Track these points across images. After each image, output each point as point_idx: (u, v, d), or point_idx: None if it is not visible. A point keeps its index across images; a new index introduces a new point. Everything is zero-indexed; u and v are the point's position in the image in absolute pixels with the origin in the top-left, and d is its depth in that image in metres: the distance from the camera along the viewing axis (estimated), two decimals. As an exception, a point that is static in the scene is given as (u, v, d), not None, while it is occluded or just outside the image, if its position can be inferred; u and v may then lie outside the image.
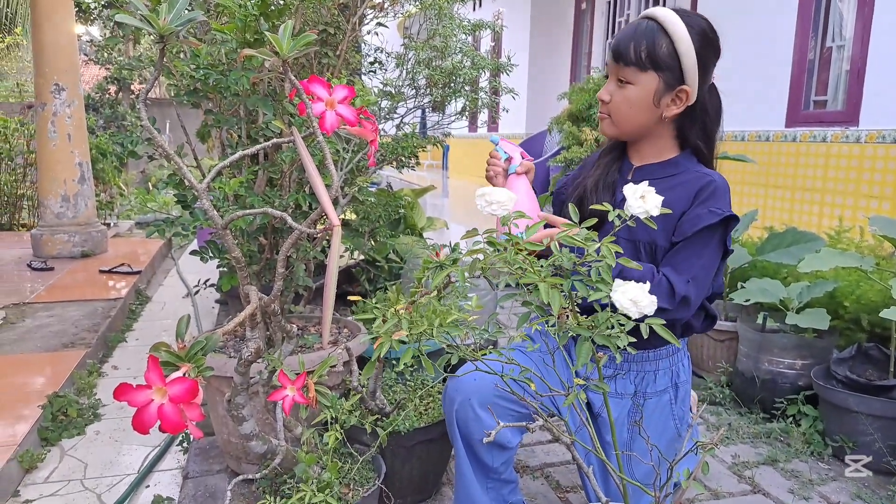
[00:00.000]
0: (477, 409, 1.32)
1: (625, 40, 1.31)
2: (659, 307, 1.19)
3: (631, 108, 1.34)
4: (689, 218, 1.31)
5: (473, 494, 1.39)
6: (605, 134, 1.42)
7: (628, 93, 1.33)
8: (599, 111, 1.41)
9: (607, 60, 1.38)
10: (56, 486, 1.91)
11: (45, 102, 4.54)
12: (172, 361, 0.82)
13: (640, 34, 1.30)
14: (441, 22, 2.42)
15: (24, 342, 2.85)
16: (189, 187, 1.55)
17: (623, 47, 1.31)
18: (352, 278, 3.05)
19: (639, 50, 1.29)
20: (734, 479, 1.97)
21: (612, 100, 1.36)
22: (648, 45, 1.29)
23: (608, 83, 1.38)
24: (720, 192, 1.32)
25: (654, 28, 1.30)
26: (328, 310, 1.11)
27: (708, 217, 1.28)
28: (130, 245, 5.38)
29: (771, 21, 4.58)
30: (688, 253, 1.30)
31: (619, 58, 1.32)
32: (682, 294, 1.26)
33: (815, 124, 4.25)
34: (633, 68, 1.31)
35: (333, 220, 1.04)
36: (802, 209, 4.29)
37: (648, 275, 1.26)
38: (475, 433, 1.33)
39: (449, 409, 1.38)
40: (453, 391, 1.37)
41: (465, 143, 11.26)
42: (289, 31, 1.04)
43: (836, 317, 2.40)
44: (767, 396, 2.35)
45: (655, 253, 1.36)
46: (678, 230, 1.32)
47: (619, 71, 1.33)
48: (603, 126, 1.41)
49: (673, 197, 1.31)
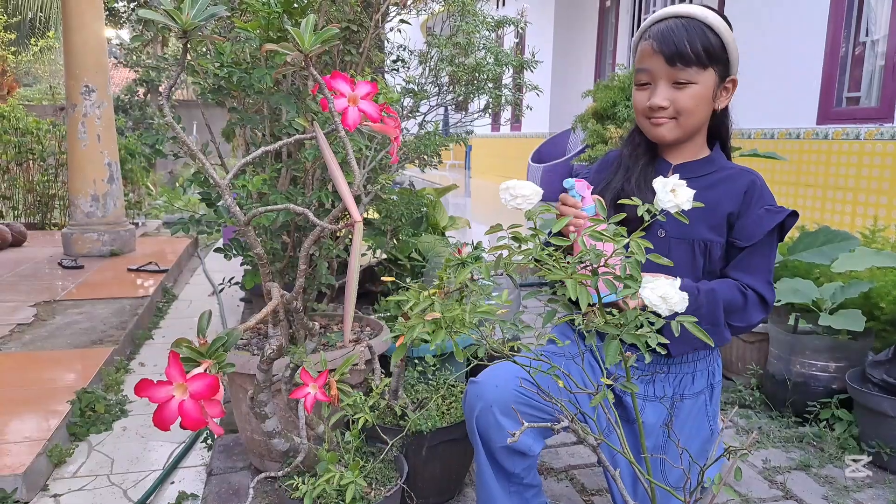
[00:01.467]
0: (498, 415, 1.30)
1: (679, 42, 1.29)
2: (757, 321, 1.33)
3: (697, 106, 1.34)
4: (752, 221, 1.34)
5: (496, 498, 1.37)
6: (664, 139, 1.38)
7: (693, 92, 1.32)
8: (654, 118, 1.36)
9: (648, 66, 1.35)
10: (83, 480, 1.93)
11: (75, 104, 4.62)
12: (193, 357, 0.82)
13: (693, 33, 1.29)
14: (464, 19, 2.40)
15: (54, 339, 2.90)
16: (213, 185, 1.55)
17: (681, 49, 1.29)
18: (374, 277, 3.05)
19: (697, 48, 1.29)
20: (765, 484, 1.92)
21: (676, 103, 1.33)
22: (703, 42, 1.29)
23: (660, 89, 1.34)
24: (766, 188, 1.38)
25: (701, 25, 1.30)
26: (350, 306, 1.10)
27: (772, 217, 1.33)
28: (158, 244, 5.45)
29: (802, 16, 4.49)
30: (760, 256, 1.35)
31: (678, 59, 1.30)
32: (770, 299, 1.34)
33: (848, 121, 4.15)
34: (694, 68, 1.30)
35: (355, 215, 1.03)
36: (835, 208, 4.19)
37: (739, 295, 1.32)
38: (496, 440, 1.30)
39: (469, 415, 1.36)
40: (474, 398, 1.34)
41: (487, 143, 11.23)
42: (311, 25, 1.03)
43: (871, 318, 2.33)
44: (799, 400, 2.29)
45: (710, 252, 1.37)
46: (743, 233, 1.35)
47: (677, 73, 1.31)
48: (661, 132, 1.37)
49: (719, 194, 1.36)
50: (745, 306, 1.32)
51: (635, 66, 1.39)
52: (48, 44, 13.34)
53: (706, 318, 1.28)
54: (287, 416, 1.71)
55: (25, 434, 1.99)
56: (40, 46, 13.21)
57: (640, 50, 1.37)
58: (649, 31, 1.35)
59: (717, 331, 1.31)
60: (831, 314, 2.21)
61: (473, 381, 1.37)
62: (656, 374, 1.41)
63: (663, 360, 1.40)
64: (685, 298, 0.92)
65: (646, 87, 1.37)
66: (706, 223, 1.36)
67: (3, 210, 6.62)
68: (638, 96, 1.39)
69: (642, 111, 1.39)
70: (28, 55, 13.34)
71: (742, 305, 1.32)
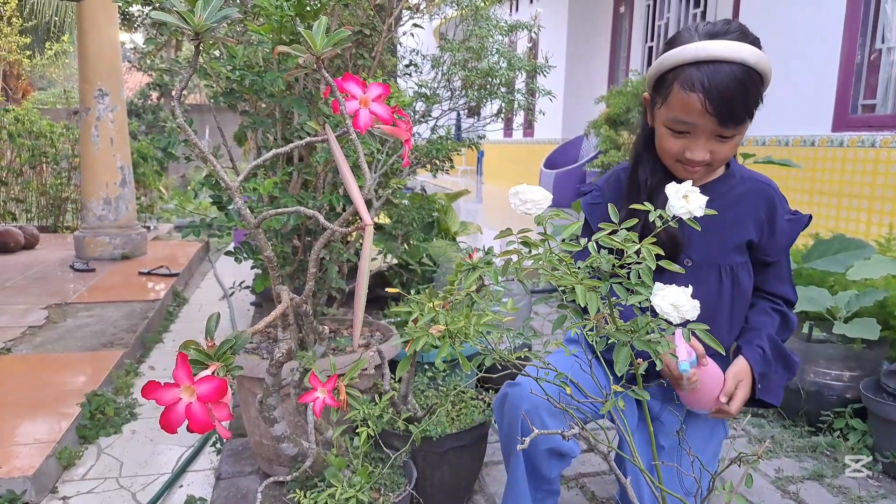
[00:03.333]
0: (545, 417, 1.27)
1: (739, 107, 1.19)
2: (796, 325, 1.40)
3: (732, 150, 1.29)
4: (779, 233, 1.37)
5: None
6: (697, 182, 1.31)
7: (736, 142, 1.26)
8: (692, 168, 1.28)
9: (693, 122, 1.22)
10: (92, 483, 1.94)
11: (88, 107, 4.65)
12: (201, 360, 0.81)
13: (747, 90, 1.18)
14: (477, 23, 2.40)
15: (64, 341, 2.91)
16: (224, 188, 1.55)
17: (739, 114, 1.19)
18: (385, 282, 3.05)
19: (749, 107, 1.20)
20: (777, 493, 1.89)
21: (715, 154, 1.26)
22: (754, 98, 1.20)
23: (701, 142, 1.24)
24: (780, 195, 1.40)
25: (753, 77, 1.18)
26: (359, 310, 1.09)
27: (795, 227, 1.37)
28: (169, 248, 5.47)
29: (817, 23, 4.46)
30: (785, 262, 1.42)
31: (730, 120, 1.20)
32: (795, 300, 1.43)
33: (864, 129, 4.12)
34: (744, 125, 1.23)
35: (366, 218, 1.02)
36: (849, 216, 4.15)
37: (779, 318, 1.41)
38: (541, 441, 1.29)
39: (513, 416, 1.31)
40: (518, 399, 1.31)
41: (500, 149, 11.23)
42: (323, 27, 1.03)
43: (886, 327, 2.30)
44: (813, 409, 2.26)
45: (737, 275, 1.38)
46: (772, 247, 1.38)
47: (724, 130, 1.22)
48: (691, 177, 1.28)
49: (743, 210, 1.37)
50: (786, 324, 1.41)
51: (674, 114, 1.24)
52: (63, 48, 13.48)
53: (782, 368, 1.39)
54: (296, 420, 1.71)
55: (35, 436, 2.00)
56: (55, 50, 13.34)
57: (682, 99, 1.20)
58: (695, 78, 1.18)
59: (790, 363, 1.40)
60: (846, 323, 2.18)
61: (513, 383, 1.35)
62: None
63: None
64: (697, 306, 0.91)
65: (682, 136, 1.26)
66: (730, 245, 1.36)
67: (16, 213, 6.67)
68: (672, 144, 1.28)
69: (674, 156, 1.29)
70: (43, 59, 13.48)
71: (785, 325, 1.41)
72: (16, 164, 6.51)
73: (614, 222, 0.98)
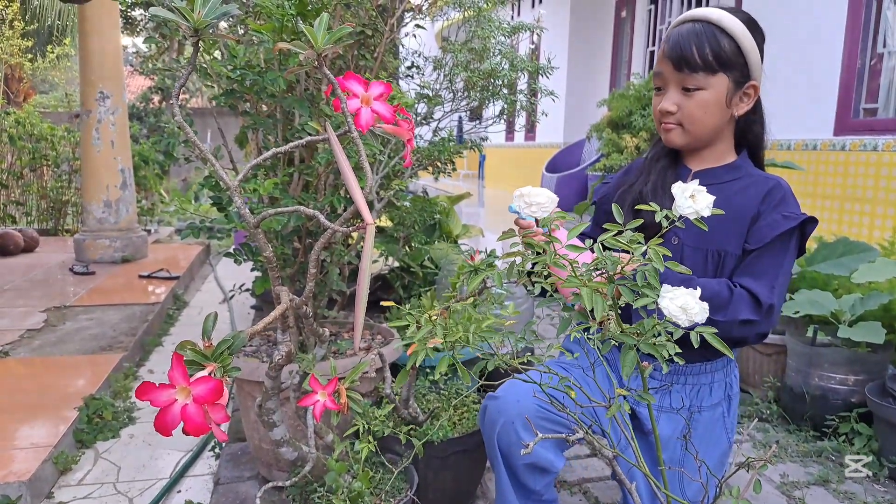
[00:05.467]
0: (521, 431, 1.25)
1: (686, 46, 1.27)
2: (745, 319, 1.20)
3: (706, 113, 1.31)
4: (766, 223, 1.28)
5: None
6: (674, 144, 1.37)
7: (701, 98, 1.30)
8: (664, 123, 1.35)
9: (660, 70, 1.34)
10: (89, 488, 1.91)
11: (90, 110, 4.64)
12: (198, 360, 0.79)
13: (701, 38, 1.27)
14: (480, 25, 2.38)
15: (63, 344, 2.89)
16: (224, 188, 1.53)
17: (687, 54, 1.27)
18: (386, 284, 3.03)
19: (704, 53, 1.26)
20: (783, 499, 1.87)
21: (683, 109, 1.31)
22: (713, 46, 1.26)
23: (669, 93, 1.33)
24: (790, 195, 1.33)
25: (713, 29, 1.27)
26: (360, 311, 1.07)
27: (786, 222, 1.26)
28: (170, 251, 5.45)
29: (819, 27, 4.45)
30: (768, 259, 1.28)
31: (685, 65, 1.28)
32: (767, 303, 1.22)
33: (866, 133, 4.10)
34: (701, 73, 1.28)
35: (367, 218, 1.01)
36: (852, 220, 4.13)
37: (725, 289, 1.23)
38: (518, 456, 1.27)
39: (490, 431, 1.31)
40: (496, 412, 1.30)
41: (501, 152, 11.22)
42: (324, 24, 1.02)
43: (891, 330, 2.28)
44: (818, 413, 2.24)
45: (724, 262, 1.32)
46: (754, 236, 1.29)
47: (685, 79, 1.29)
48: (670, 137, 1.35)
49: (743, 201, 1.31)
50: (729, 302, 1.21)
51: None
52: (65, 51, 13.47)
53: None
54: (295, 424, 1.69)
55: (32, 440, 1.98)
56: (57, 54, 13.33)
57: (658, 55, 1.36)
58: (667, 35, 1.34)
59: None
60: (850, 326, 2.16)
61: (493, 395, 1.33)
62: (673, 384, 1.37)
63: (680, 370, 1.37)
64: (706, 309, 0.89)
65: (660, 93, 1.36)
66: (724, 232, 1.32)
67: (17, 216, 6.66)
68: (654, 100, 1.38)
69: (656, 115, 1.38)
70: (45, 63, 13.47)
71: (726, 300, 1.21)
72: (16, 166, 6.50)
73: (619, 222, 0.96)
